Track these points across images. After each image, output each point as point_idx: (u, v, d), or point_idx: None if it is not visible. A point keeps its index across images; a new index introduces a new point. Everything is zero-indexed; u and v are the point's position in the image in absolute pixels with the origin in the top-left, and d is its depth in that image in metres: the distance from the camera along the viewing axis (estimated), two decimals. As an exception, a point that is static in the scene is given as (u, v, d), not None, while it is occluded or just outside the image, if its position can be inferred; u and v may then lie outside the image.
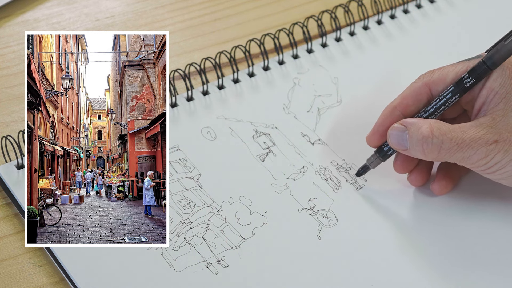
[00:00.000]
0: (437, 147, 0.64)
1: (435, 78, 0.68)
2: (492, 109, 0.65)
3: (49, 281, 0.63)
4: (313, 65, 0.82)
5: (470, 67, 0.66)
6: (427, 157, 0.65)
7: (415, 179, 0.70)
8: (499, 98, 0.65)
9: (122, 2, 0.90)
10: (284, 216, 0.68)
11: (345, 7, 0.85)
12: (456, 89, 0.66)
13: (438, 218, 0.68)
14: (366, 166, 0.71)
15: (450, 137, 0.64)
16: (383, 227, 0.67)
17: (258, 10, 0.90)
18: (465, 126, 0.64)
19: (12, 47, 0.84)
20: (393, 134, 0.67)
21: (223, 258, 0.64)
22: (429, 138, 0.64)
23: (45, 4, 0.89)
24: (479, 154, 0.63)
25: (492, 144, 0.63)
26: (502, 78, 0.65)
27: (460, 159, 0.64)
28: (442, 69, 0.68)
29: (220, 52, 0.79)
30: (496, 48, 0.64)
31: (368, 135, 0.71)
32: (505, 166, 0.64)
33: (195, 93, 0.77)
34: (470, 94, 0.67)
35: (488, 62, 0.65)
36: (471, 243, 0.66)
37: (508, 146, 0.63)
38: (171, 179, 0.70)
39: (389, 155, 0.69)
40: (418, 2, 0.89)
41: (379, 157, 0.70)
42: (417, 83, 0.69)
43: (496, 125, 0.64)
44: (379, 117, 0.70)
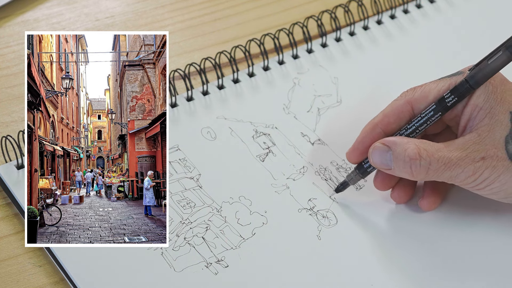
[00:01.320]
0: (425, 169, 0.63)
1: (417, 96, 0.67)
2: (477, 125, 0.64)
3: (49, 281, 0.63)
4: (313, 65, 0.82)
5: (453, 85, 0.65)
6: (415, 178, 0.64)
7: (397, 196, 0.69)
8: (484, 113, 0.64)
9: (122, 2, 0.90)
10: (284, 216, 0.68)
11: (345, 7, 0.85)
12: (438, 107, 0.65)
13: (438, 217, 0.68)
14: (345, 182, 0.69)
15: (437, 157, 0.63)
16: (383, 227, 0.67)
17: (258, 10, 0.90)
18: (451, 145, 0.64)
19: (12, 47, 0.84)
20: (375, 153, 0.65)
21: (223, 258, 0.64)
22: (416, 160, 0.63)
23: (45, 4, 0.89)
24: (467, 172, 0.63)
25: (480, 161, 0.62)
26: (485, 94, 0.64)
27: (448, 178, 0.63)
28: (424, 86, 0.67)
29: (220, 52, 0.79)
30: (479, 67, 0.63)
31: (348, 151, 0.69)
32: (494, 182, 0.63)
33: (195, 93, 0.77)
34: (453, 112, 0.66)
35: (470, 81, 0.64)
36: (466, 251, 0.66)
37: (495, 162, 0.62)
38: (171, 179, 0.70)
39: (369, 172, 0.68)
40: (418, 2, 0.89)
41: (359, 173, 0.68)
42: (399, 101, 0.68)
43: (483, 141, 0.63)
44: (359, 134, 0.69)
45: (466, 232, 0.67)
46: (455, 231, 0.67)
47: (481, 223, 0.67)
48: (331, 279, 0.63)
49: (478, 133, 0.63)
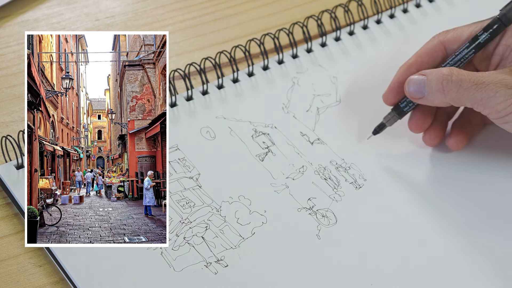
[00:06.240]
0: (456, 85, 0.65)
1: (449, 36, 0.70)
2: (509, 63, 0.66)
3: (49, 281, 0.63)
4: (312, 64, 0.82)
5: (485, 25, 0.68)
6: (446, 96, 0.66)
7: (429, 138, 0.72)
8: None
9: (122, 2, 0.91)
10: (283, 216, 0.68)
11: (345, 7, 0.85)
12: (471, 45, 0.68)
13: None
14: (383, 124, 0.73)
15: (469, 77, 0.64)
16: (382, 227, 0.67)
17: (258, 10, 0.90)
18: (484, 73, 0.65)
19: (12, 47, 0.84)
20: (412, 81, 0.68)
21: (222, 257, 0.64)
22: (449, 76, 0.65)
23: (45, 4, 0.89)
24: (498, 98, 0.64)
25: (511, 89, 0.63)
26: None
27: (478, 101, 0.64)
28: (457, 29, 0.70)
29: (220, 52, 0.79)
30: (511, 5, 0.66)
31: (384, 93, 0.72)
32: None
33: (194, 93, 0.77)
34: (484, 53, 0.68)
35: (503, 19, 0.67)
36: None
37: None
38: (170, 178, 0.70)
39: (406, 112, 0.71)
40: (418, 1, 0.89)
41: (396, 114, 0.71)
42: (432, 41, 0.70)
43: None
44: (395, 75, 0.72)
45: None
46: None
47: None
48: (331, 278, 0.63)
49: (511, 69, 0.65)
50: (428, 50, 0.70)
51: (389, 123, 0.72)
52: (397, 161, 0.73)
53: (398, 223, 0.67)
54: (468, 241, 0.66)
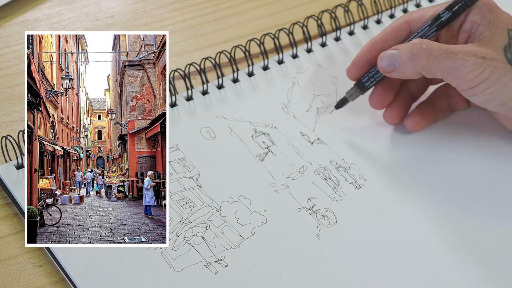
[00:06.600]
0: (426, 53, 0.66)
1: (414, 16, 0.71)
2: (477, 38, 0.68)
3: (49, 281, 0.63)
4: (312, 64, 0.82)
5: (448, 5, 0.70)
6: (416, 64, 0.67)
7: (389, 116, 0.73)
8: (483, 28, 0.68)
9: (122, 2, 0.91)
10: (283, 216, 0.68)
11: (345, 7, 0.85)
12: (434, 23, 0.70)
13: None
14: (345, 98, 0.74)
15: (439, 46, 0.66)
16: (382, 226, 0.67)
17: (258, 10, 0.90)
18: (454, 45, 0.67)
19: (12, 47, 0.84)
20: (384, 55, 0.69)
21: (222, 257, 0.64)
22: (418, 44, 0.66)
23: (45, 4, 0.89)
24: (468, 67, 0.65)
25: (480, 59, 0.65)
26: (481, 13, 0.68)
27: (448, 70, 0.66)
28: (423, 9, 0.72)
29: (220, 52, 0.79)
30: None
31: (348, 67, 0.74)
32: (493, 85, 0.66)
33: (194, 93, 0.77)
34: (449, 31, 0.70)
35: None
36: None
37: (496, 63, 0.65)
38: (171, 179, 0.70)
39: (368, 87, 0.73)
40: (418, 1, 0.90)
41: (358, 89, 0.73)
42: (398, 20, 0.72)
43: (483, 46, 0.66)
44: (359, 51, 0.73)
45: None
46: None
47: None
48: (331, 278, 0.63)
49: (480, 43, 0.67)
50: (393, 28, 0.72)
51: (351, 98, 0.74)
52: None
53: (398, 223, 0.67)
54: (468, 241, 0.66)
